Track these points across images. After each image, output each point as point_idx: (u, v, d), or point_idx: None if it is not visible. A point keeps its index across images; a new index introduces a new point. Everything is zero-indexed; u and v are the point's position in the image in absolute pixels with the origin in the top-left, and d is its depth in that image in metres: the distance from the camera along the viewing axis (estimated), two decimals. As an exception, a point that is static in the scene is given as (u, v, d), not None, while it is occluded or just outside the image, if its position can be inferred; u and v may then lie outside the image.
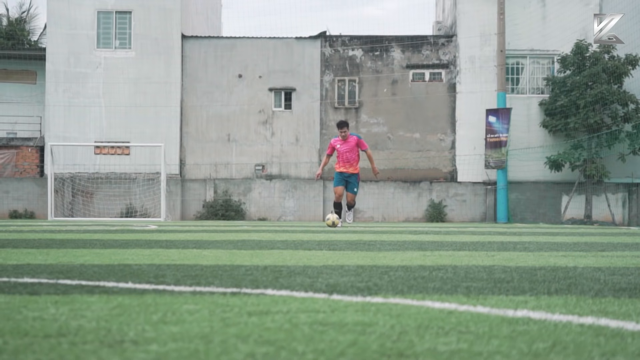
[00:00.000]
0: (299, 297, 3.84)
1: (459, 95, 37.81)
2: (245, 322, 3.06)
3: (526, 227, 23.44)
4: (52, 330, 2.83)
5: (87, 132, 37.67)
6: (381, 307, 3.51)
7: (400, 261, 6.52)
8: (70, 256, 6.92)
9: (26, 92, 41.17)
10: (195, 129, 38.11)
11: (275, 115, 38.04)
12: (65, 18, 38.02)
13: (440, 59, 38.11)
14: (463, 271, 5.48)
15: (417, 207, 37.30)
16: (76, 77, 37.89)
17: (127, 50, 38.09)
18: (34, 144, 39.08)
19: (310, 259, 6.67)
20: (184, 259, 6.59)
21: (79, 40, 38.02)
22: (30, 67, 41.27)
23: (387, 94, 38.01)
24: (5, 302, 3.52)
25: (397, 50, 38.20)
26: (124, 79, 37.80)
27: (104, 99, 37.77)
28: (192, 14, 41.29)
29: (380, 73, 38.09)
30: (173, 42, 38.12)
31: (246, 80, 38.22)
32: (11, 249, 8.13)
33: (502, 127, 36.01)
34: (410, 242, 10.32)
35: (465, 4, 37.80)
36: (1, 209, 37.14)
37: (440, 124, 37.99)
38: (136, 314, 3.23)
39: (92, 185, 37.08)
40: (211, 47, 38.51)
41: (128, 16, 38.22)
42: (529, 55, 37.71)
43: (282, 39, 38.58)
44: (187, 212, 37.30)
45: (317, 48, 38.30)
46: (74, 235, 12.53)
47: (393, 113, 38.01)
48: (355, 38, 38.62)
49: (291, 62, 38.19)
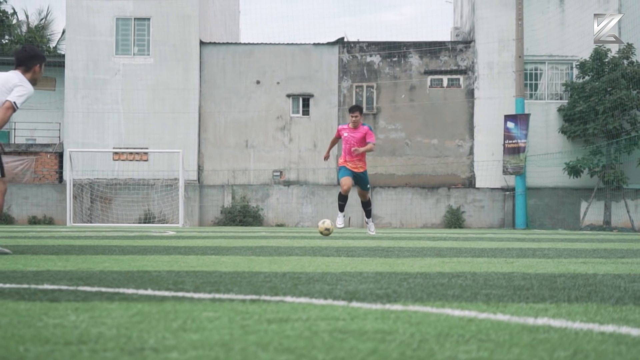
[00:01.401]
0: (318, 304, 3.83)
1: (477, 101, 37.72)
2: (265, 329, 3.06)
3: (545, 234, 23.34)
4: (73, 337, 2.84)
5: (105, 138, 37.81)
6: (401, 314, 3.50)
7: (419, 268, 6.50)
8: (90, 262, 6.94)
9: (45, 98, 41.38)
10: (213, 135, 38.18)
11: (293, 122, 38.06)
12: (84, 25, 38.19)
13: (458, 65, 38.04)
14: (482, 278, 5.46)
15: (435, 213, 37.23)
16: (95, 83, 38.04)
17: (145, 56, 38.22)
18: (53, 150, 39.25)
19: (328, 266, 6.66)
20: (202, 266, 6.59)
21: (97, 47, 38.18)
22: (50, 73, 41.47)
23: (405, 100, 37.97)
24: (25, 309, 3.53)
25: (415, 56, 38.17)
26: (143, 85, 37.92)
27: (122, 106, 37.91)
28: (210, 21, 41.39)
29: (398, 79, 38.06)
30: (191, 49, 38.22)
31: (264, 86, 38.27)
32: (31, 255, 8.16)
33: (520, 133, 35.89)
34: (429, 249, 10.29)
35: (484, 9, 37.74)
36: (20, 215, 37.31)
37: (458, 130, 37.91)
38: (156, 321, 3.23)
39: (111, 192, 37.19)
40: (229, 54, 38.59)
41: (147, 23, 38.36)
42: (547, 61, 37.60)
43: (300, 45, 38.62)
44: (205, 218, 37.36)
45: (335, 54, 38.31)
46: (93, 241, 12.56)
47: (411, 119, 37.97)
48: (373, 44, 38.61)
49: (309, 68, 38.21)
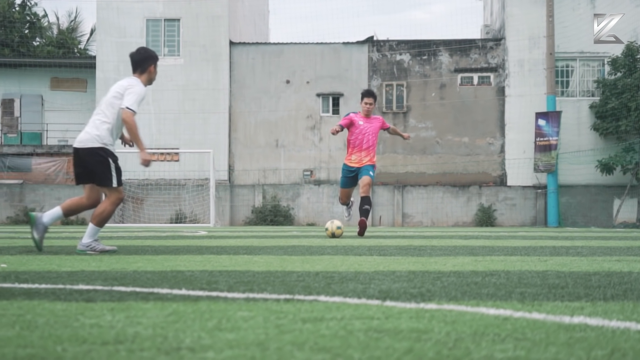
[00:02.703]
0: (353, 303, 3.83)
1: (508, 98, 37.55)
2: (300, 329, 3.06)
3: (578, 231, 23.20)
4: (110, 337, 2.86)
5: (137, 139, 37.97)
6: (435, 313, 3.49)
7: (452, 267, 6.48)
8: (123, 262, 6.97)
9: (77, 100, 41.68)
10: (243, 134, 38.28)
11: (323, 121, 38.07)
12: (114, 26, 38.42)
13: (488, 63, 37.88)
14: (516, 277, 5.43)
15: (467, 211, 37.09)
16: (126, 84, 38.20)
17: (175, 57, 38.38)
18: (85, 151, 39.43)
19: (361, 265, 6.65)
20: (235, 265, 6.60)
21: (128, 48, 38.31)
22: (81, 75, 41.77)
23: (435, 98, 37.87)
24: (62, 309, 3.56)
25: (445, 54, 38.06)
26: (173, 85, 38.08)
27: (153, 106, 38.09)
28: (239, 21, 41.50)
29: (428, 77, 37.97)
30: (221, 49, 38.33)
31: (294, 86, 38.31)
32: (65, 255, 8.22)
33: (551, 131, 35.68)
34: (461, 247, 10.26)
35: (514, 7, 37.55)
36: (53, 216, 37.53)
37: (489, 127, 37.76)
38: (191, 320, 3.25)
39: (142, 192, 37.39)
40: (259, 53, 38.66)
41: (176, 24, 38.52)
42: (578, 58, 37.35)
43: (330, 44, 38.62)
44: (236, 217, 37.46)
45: (365, 53, 38.28)
46: (126, 241, 12.63)
47: (441, 117, 37.86)
48: (402, 42, 38.54)
49: (338, 68, 38.20)
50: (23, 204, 37.58)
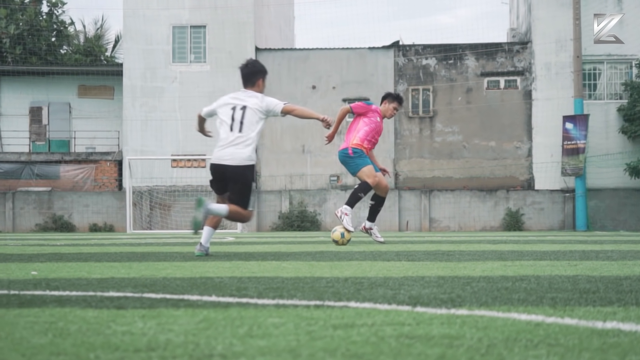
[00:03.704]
0: (383, 309, 3.82)
1: (535, 102, 37.40)
2: (331, 335, 3.05)
3: (607, 235, 23.04)
4: (142, 344, 2.86)
5: (163, 145, 38.17)
6: (467, 319, 3.47)
7: (481, 272, 6.45)
8: (152, 269, 7.00)
9: (104, 107, 41.92)
10: (270, 140, 38.34)
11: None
12: (141, 34, 38.62)
13: (515, 66, 37.75)
14: (547, 281, 5.40)
15: (494, 215, 36.95)
16: (152, 91, 38.44)
17: (202, 64, 38.53)
18: (112, 158, 39.73)
19: (390, 270, 6.64)
20: (264, 271, 6.61)
21: (154, 55, 38.58)
22: (108, 82, 42.02)
23: (461, 102, 37.79)
24: (93, 317, 3.57)
25: (471, 58, 37.97)
26: (200, 92, 38.22)
27: (180, 113, 38.24)
28: (265, 27, 41.59)
29: (454, 81, 37.88)
30: (247, 55, 38.41)
31: (320, 91, 38.34)
32: (94, 262, 8.26)
33: (579, 134, 35.50)
34: (490, 252, 10.21)
35: (540, 10, 37.41)
36: (81, 223, 37.81)
37: (516, 131, 37.62)
38: (222, 327, 3.25)
39: (170, 198, 37.53)
40: (285, 59, 38.73)
41: (202, 30, 38.67)
42: (606, 61, 37.15)
43: (355, 49, 38.64)
44: (263, 223, 37.51)
45: (391, 58, 38.26)
46: (154, 248, 12.68)
47: (468, 121, 37.76)
48: (428, 47, 38.49)
49: (364, 73, 38.20)
50: (51, 211, 37.84)
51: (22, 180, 39.54)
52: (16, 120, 42.00)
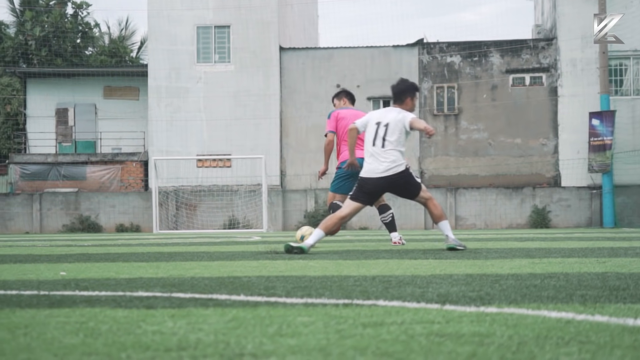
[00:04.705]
0: (412, 307, 3.81)
1: (560, 98, 37.20)
2: (360, 333, 3.05)
3: (635, 232, 22.89)
4: (172, 344, 2.87)
5: (189, 145, 38.29)
6: (496, 317, 3.46)
7: (509, 269, 6.43)
8: (180, 269, 7.02)
9: (129, 108, 42.11)
10: (295, 139, 38.38)
11: (374, 124, 37.99)
12: (165, 34, 38.75)
13: (540, 63, 37.57)
14: (575, 279, 5.37)
15: (520, 213, 36.79)
16: (177, 92, 38.56)
17: (226, 64, 38.61)
18: (138, 159, 39.90)
19: (417, 269, 6.63)
20: (291, 270, 6.62)
21: (179, 56, 38.70)
22: (133, 83, 42.20)
23: (486, 99, 37.65)
24: (123, 316, 3.59)
25: (496, 55, 37.82)
26: (224, 92, 38.30)
27: (204, 113, 38.34)
28: (289, 26, 41.62)
29: (479, 79, 37.76)
30: (271, 55, 38.47)
31: (344, 90, 38.28)
32: (122, 262, 8.30)
33: (606, 130, 35.27)
34: (517, 250, 10.18)
35: (565, 6, 37.21)
36: (108, 223, 38.00)
37: (542, 128, 37.44)
38: (252, 326, 3.25)
39: (195, 198, 37.64)
40: (309, 58, 38.75)
41: (227, 30, 38.74)
42: (632, 56, 36.89)
43: (379, 47, 38.59)
44: (289, 222, 37.54)
45: (415, 55, 38.18)
46: (181, 248, 12.73)
47: (493, 119, 37.62)
48: (453, 44, 38.38)
49: (389, 71, 38.14)
50: (78, 212, 38.05)
51: (49, 182, 39.78)
52: (43, 121, 42.27)
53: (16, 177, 40.01)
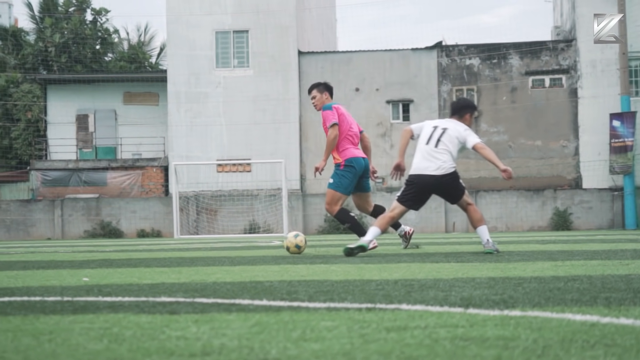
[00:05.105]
0: (435, 311, 3.80)
1: (580, 100, 37.05)
2: (384, 338, 3.05)
3: (657, 233, 22.75)
4: (196, 349, 2.87)
5: (209, 150, 38.37)
6: (520, 320, 3.44)
7: (532, 272, 6.40)
8: (202, 274, 7.03)
9: (149, 113, 42.24)
10: (314, 144, 38.37)
11: (394, 128, 37.99)
12: (184, 40, 38.86)
13: (560, 64, 37.44)
14: (599, 281, 5.34)
15: (542, 215, 36.64)
16: (197, 97, 38.66)
17: (245, 68, 38.67)
18: (158, 164, 40.02)
19: (439, 272, 6.61)
20: (313, 275, 6.61)
21: (198, 61, 38.80)
22: (153, 89, 42.33)
23: (506, 101, 37.54)
24: (147, 322, 3.60)
25: (515, 57, 37.71)
26: (243, 97, 38.36)
27: (224, 118, 38.42)
28: (307, 30, 41.65)
29: (498, 81, 37.65)
30: (290, 59, 38.51)
31: (363, 93, 38.31)
32: (144, 268, 8.32)
33: (627, 131, 35.08)
34: (539, 252, 10.14)
35: (584, 7, 37.05)
36: (129, 229, 38.13)
37: (562, 130, 37.29)
38: (275, 331, 3.25)
39: (216, 203, 37.70)
40: (327, 62, 38.76)
41: (245, 35, 38.82)
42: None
43: (398, 50, 38.56)
44: (309, 226, 37.54)
45: (434, 58, 38.12)
46: (202, 253, 12.76)
47: (513, 121, 37.50)
48: (472, 47, 38.30)
49: (408, 74, 38.10)
50: (99, 218, 38.20)
51: (70, 188, 39.96)
52: (63, 128, 42.47)
53: (38, 183, 40.21)
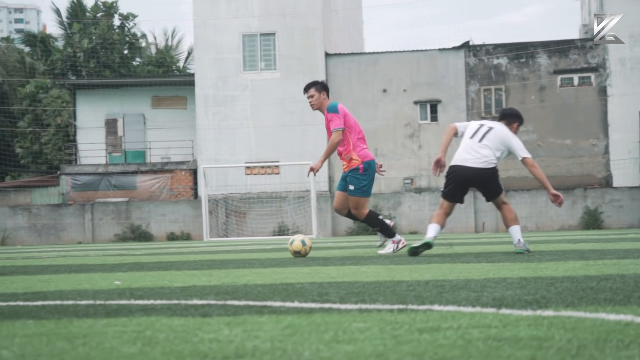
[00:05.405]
0: (467, 312, 3.78)
1: (610, 98, 36.79)
2: (417, 339, 3.03)
3: (689, 232, 22.55)
4: (229, 351, 2.87)
5: (237, 153, 38.46)
6: (554, 320, 3.42)
7: (563, 272, 6.36)
8: (233, 276, 7.04)
9: (178, 117, 42.41)
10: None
11: (422, 128, 37.91)
12: (211, 43, 38.98)
13: (588, 63, 37.21)
14: (632, 280, 5.30)
15: (572, 214, 36.41)
16: (224, 100, 38.77)
17: (272, 71, 38.74)
18: (187, 168, 40.16)
19: (470, 272, 6.58)
20: (343, 276, 6.60)
21: (225, 64, 38.90)
22: (181, 92, 42.49)
23: (535, 101, 37.36)
24: (180, 325, 3.61)
25: (543, 56, 37.52)
26: (271, 99, 38.42)
27: (252, 120, 38.50)
28: (334, 32, 41.65)
29: (526, 80, 37.48)
30: (317, 61, 38.53)
31: (391, 94, 38.26)
32: (175, 270, 8.34)
33: (657, 129, 34.81)
34: (571, 252, 10.08)
35: (612, 5, 36.78)
36: (159, 232, 38.28)
37: (592, 128, 37.05)
38: (307, 333, 3.25)
39: (245, 205, 37.78)
40: (354, 64, 38.74)
41: (272, 38, 38.88)
42: (682, 53, 36.41)
43: (425, 51, 38.47)
44: (338, 228, 37.53)
45: (461, 58, 38.01)
46: (232, 255, 12.79)
47: (542, 120, 37.31)
48: (499, 46, 38.15)
49: (435, 74, 38.01)
50: (129, 221, 38.39)
51: (99, 192, 40.21)
52: (92, 132, 42.73)
53: (68, 188, 40.48)
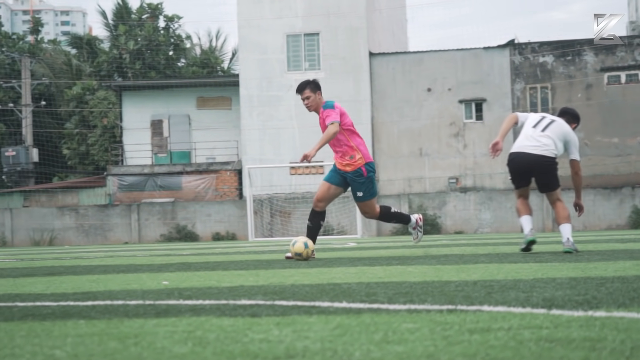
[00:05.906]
0: (518, 312, 3.75)
1: (658, 95, 36.35)
2: (468, 340, 3.02)
3: None
4: (280, 351, 2.88)
5: (281, 153, 38.54)
6: (606, 321, 3.38)
7: (614, 272, 6.29)
8: (279, 276, 7.05)
9: (222, 117, 42.60)
10: (387, 145, 38.30)
11: (467, 127, 37.72)
12: (255, 44, 39.11)
13: (636, 60, 36.78)
14: (684, 280, 5.23)
15: (620, 213, 36.01)
16: (269, 100, 38.87)
17: (316, 71, 38.77)
18: (232, 168, 40.33)
19: (518, 273, 6.53)
20: (390, 276, 6.58)
21: (270, 65, 39.01)
22: (225, 93, 42.68)
23: (581, 99, 37.00)
24: (229, 325, 3.62)
25: (589, 54, 37.16)
26: (315, 99, 38.41)
27: (296, 121, 38.55)
28: (378, 31, 41.58)
29: (573, 78, 37.14)
30: (361, 60, 38.49)
31: (435, 93, 38.12)
32: (222, 270, 8.37)
33: None
34: (620, 251, 9.97)
35: (660, 0, 36.38)
36: (204, 232, 38.48)
37: (639, 126, 36.62)
38: (357, 333, 3.24)
39: (289, 205, 37.85)
40: (399, 63, 38.66)
41: (316, 38, 38.91)
42: None
43: (470, 49, 38.28)
44: (383, 228, 37.47)
45: (506, 57, 37.76)
46: (278, 255, 12.82)
47: (589, 118, 36.94)
48: (545, 44, 37.84)
49: (480, 73, 37.80)
50: (175, 222, 38.64)
51: (146, 192, 40.52)
52: (138, 133, 43.08)
53: (114, 188, 40.85)
